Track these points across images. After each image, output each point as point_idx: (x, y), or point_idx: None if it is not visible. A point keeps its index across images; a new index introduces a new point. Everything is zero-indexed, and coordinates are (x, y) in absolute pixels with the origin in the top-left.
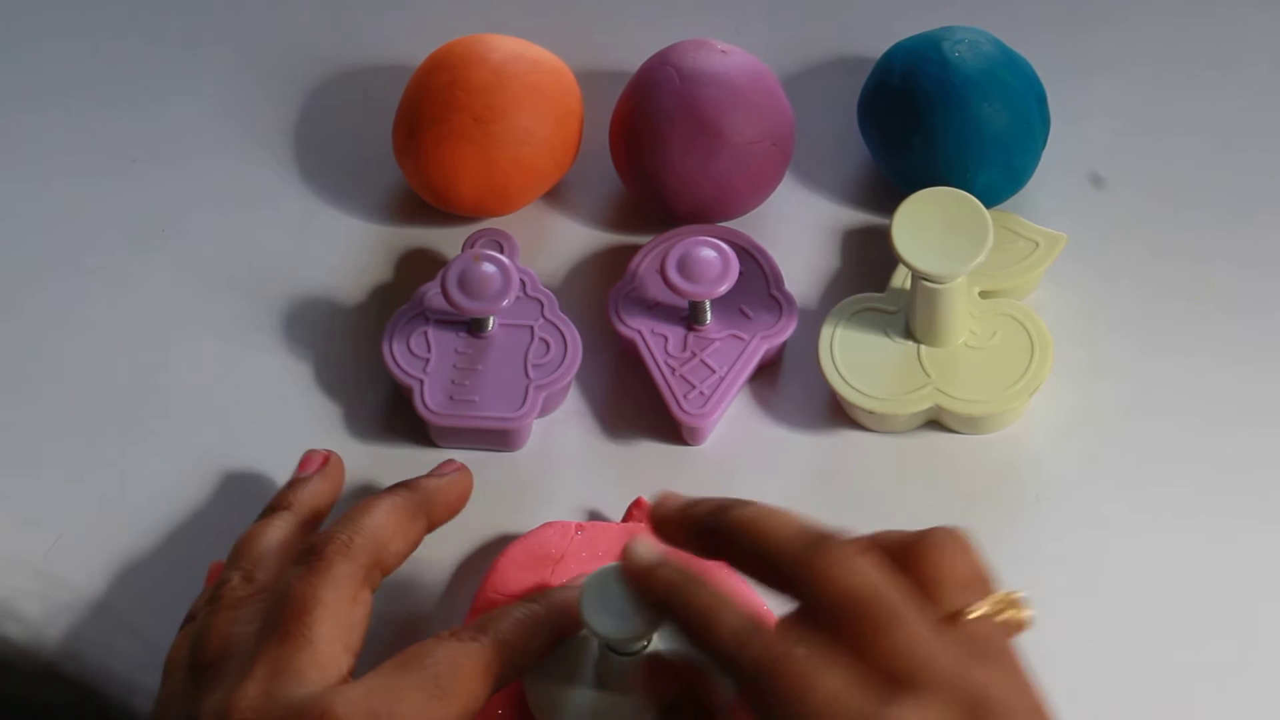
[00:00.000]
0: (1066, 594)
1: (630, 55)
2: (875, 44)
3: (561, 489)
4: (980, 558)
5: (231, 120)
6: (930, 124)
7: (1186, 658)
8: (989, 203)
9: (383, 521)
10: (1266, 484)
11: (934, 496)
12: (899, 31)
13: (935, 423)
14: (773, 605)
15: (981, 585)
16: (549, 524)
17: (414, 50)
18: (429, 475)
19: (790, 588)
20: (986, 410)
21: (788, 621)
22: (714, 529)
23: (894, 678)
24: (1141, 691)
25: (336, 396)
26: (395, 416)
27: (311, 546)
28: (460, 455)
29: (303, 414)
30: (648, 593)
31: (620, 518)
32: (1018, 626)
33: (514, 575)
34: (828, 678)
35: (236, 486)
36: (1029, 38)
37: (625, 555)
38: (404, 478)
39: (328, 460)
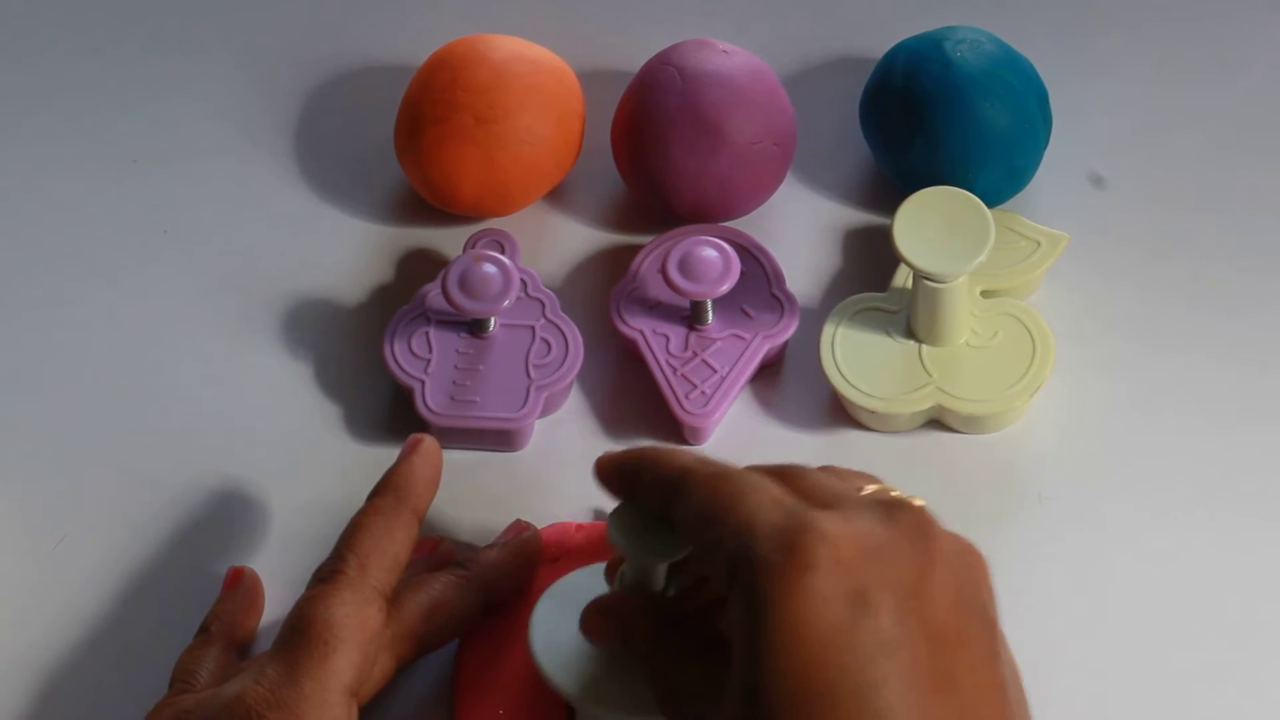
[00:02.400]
0: (1068, 593)
1: (632, 55)
2: (877, 44)
3: (563, 489)
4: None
5: (231, 120)
6: (932, 123)
7: (1187, 657)
8: (991, 202)
9: (386, 539)
10: (1268, 483)
11: (935, 496)
12: (901, 31)
13: (937, 422)
14: None
15: (868, 479)
16: (550, 525)
17: (414, 50)
18: (399, 463)
19: (676, 504)
20: (988, 410)
21: None
22: (624, 468)
23: (818, 498)
24: (1142, 690)
25: (337, 396)
26: (396, 417)
27: (326, 571)
28: (461, 456)
29: (303, 414)
30: (612, 478)
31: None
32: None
33: None
34: (770, 483)
35: (237, 487)
36: (1031, 38)
37: (596, 468)
38: None
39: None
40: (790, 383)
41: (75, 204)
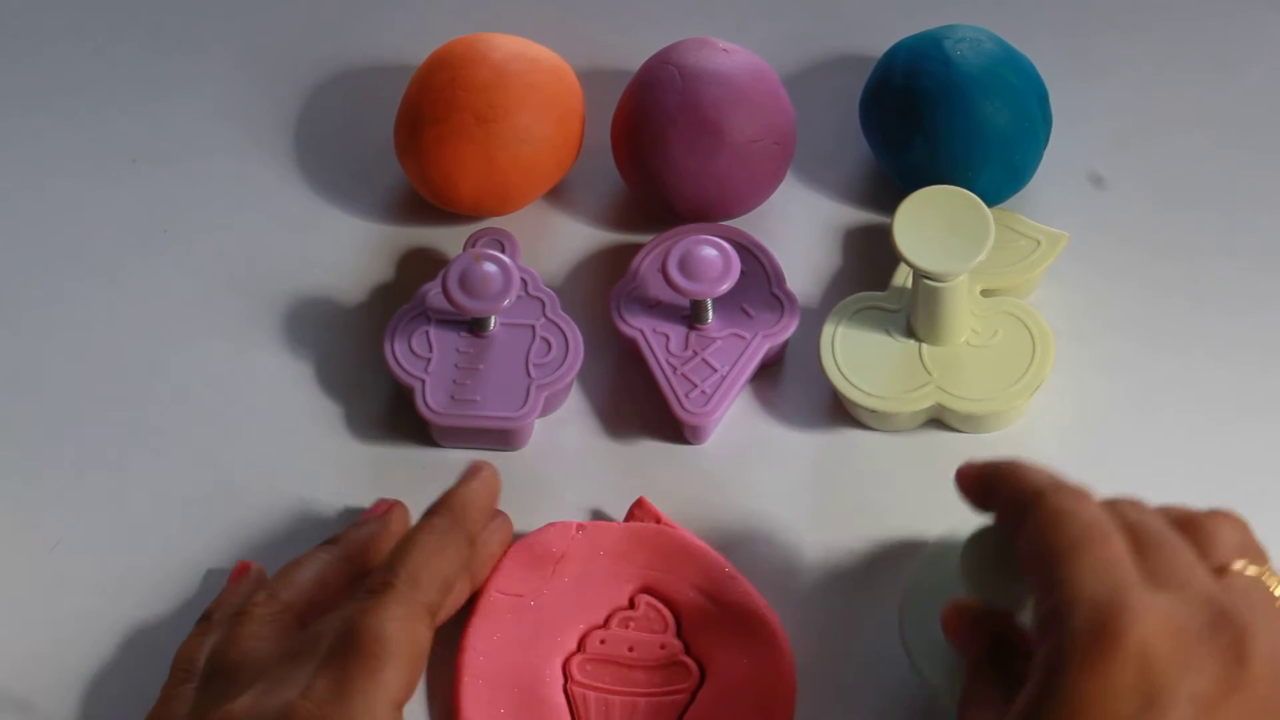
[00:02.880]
0: None
1: (632, 54)
2: (877, 42)
3: (563, 488)
4: (1255, 536)
5: (231, 120)
6: (932, 122)
7: None
8: (991, 201)
9: (439, 558)
10: (1268, 482)
11: (935, 495)
12: (901, 30)
13: (937, 421)
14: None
15: (1256, 554)
16: (551, 524)
17: (414, 50)
18: (458, 485)
19: (1024, 518)
20: (988, 409)
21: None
22: (985, 478)
23: (1158, 575)
24: None
25: (337, 396)
26: (397, 416)
27: (376, 583)
28: (461, 455)
29: (303, 414)
30: (972, 488)
31: (623, 517)
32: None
33: (516, 574)
34: (1115, 540)
35: (237, 487)
36: (1031, 37)
37: (959, 475)
38: (405, 478)
39: (391, 510)
40: (790, 382)
41: (75, 204)
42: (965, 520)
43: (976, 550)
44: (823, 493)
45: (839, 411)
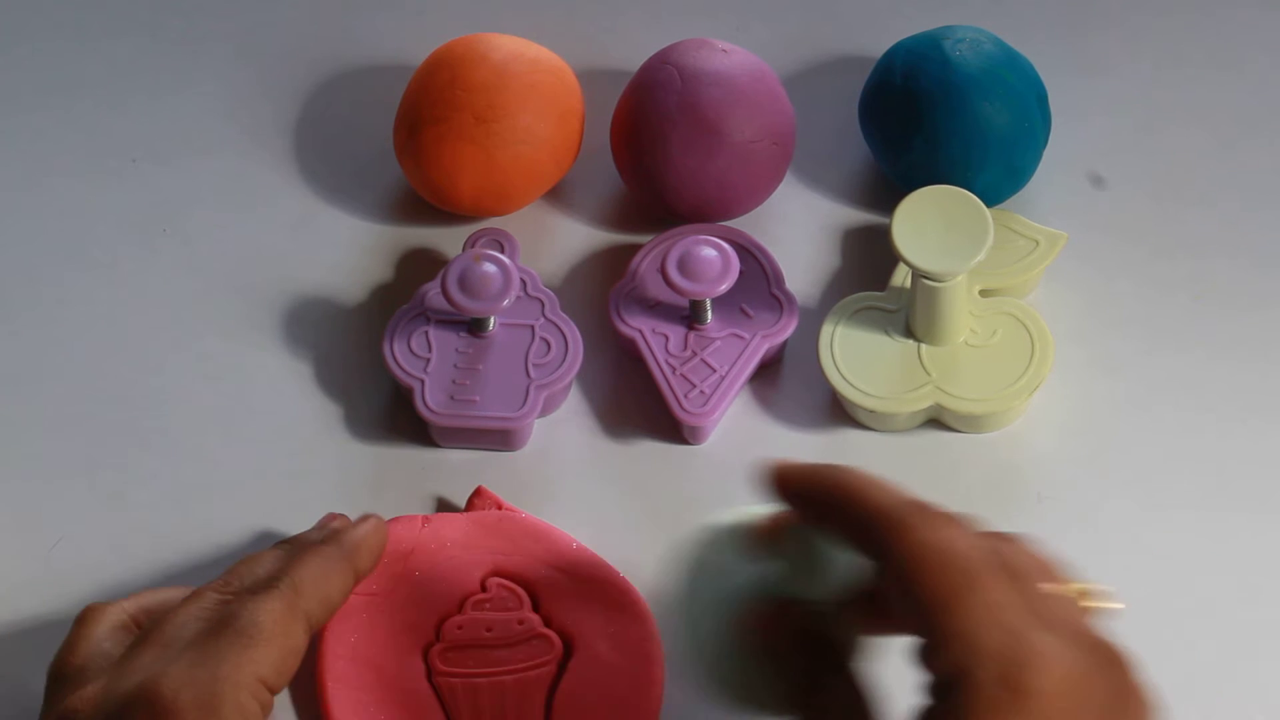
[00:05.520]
0: None
1: (631, 54)
2: (876, 43)
3: (562, 489)
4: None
5: (231, 120)
6: (931, 123)
7: (1188, 656)
8: (990, 201)
9: (325, 579)
10: (1268, 481)
11: (935, 495)
12: (900, 30)
13: (936, 421)
14: None
15: (1059, 574)
16: (395, 519)
17: (414, 50)
18: (355, 525)
19: (884, 549)
20: (987, 409)
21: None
22: (819, 490)
23: (1041, 614)
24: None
25: (336, 396)
26: (396, 416)
27: (258, 585)
28: (461, 455)
29: (303, 414)
30: (795, 497)
31: (621, 517)
32: (1100, 610)
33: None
34: (998, 579)
35: (237, 486)
36: (1030, 37)
37: (770, 473)
38: (404, 478)
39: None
40: (789, 382)
41: (75, 202)
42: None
43: (798, 550)
44: None
45: (838, 412)
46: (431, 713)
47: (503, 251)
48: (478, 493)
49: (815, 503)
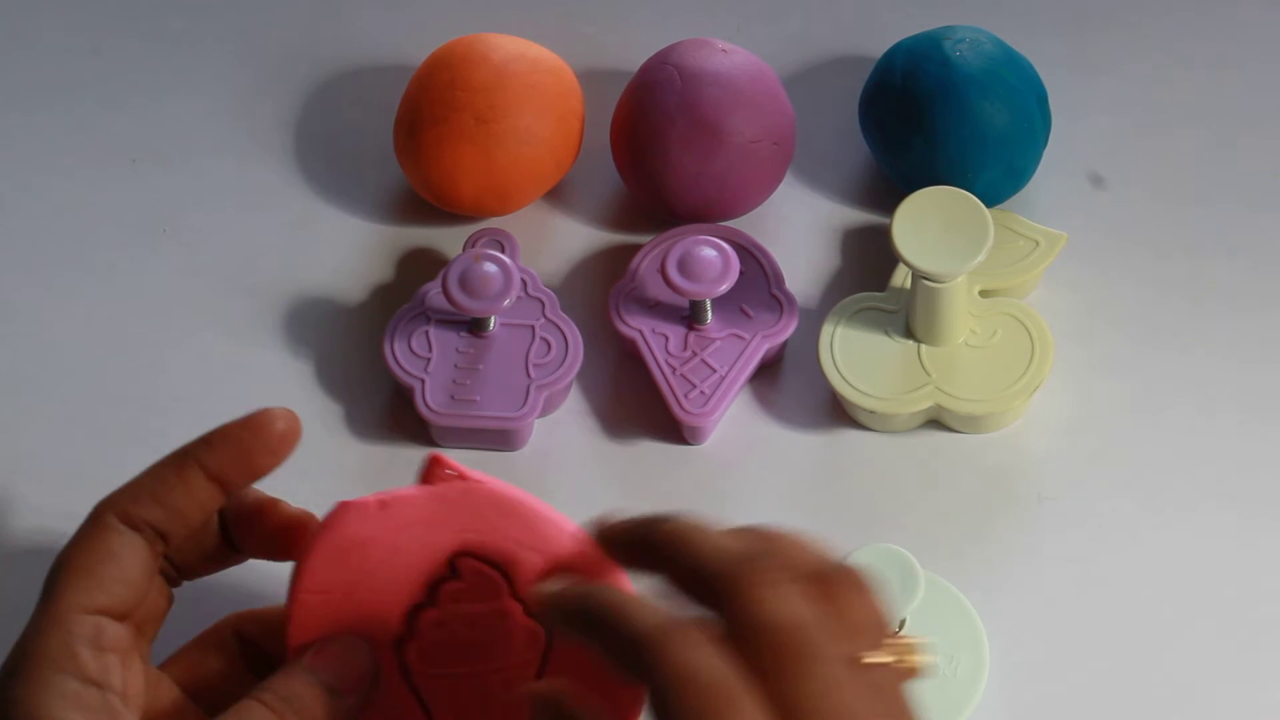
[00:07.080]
0: (1069, 593)
1: (631, 55)
2: (876, 43)
3: (562, 489)
4: (879, 601)
5: (231, 120)
6: (931, 123)
7: (1188, 656)
8: (990, 202)
9: (148, 475)
10: (1268, 481)
11: (934, 496)
12: (900, 31)
13: (936, 422)
14: None
15: (883, 630)
16: (344, 505)
17: (414, 50)
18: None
19: (716, 604)
20: (987, 409)
21: (704, 629)
22: (646, 542)
23: (798, 712)
24: (1143, 689)
25: (337, 396)
26: (396, 416)
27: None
28: (461, 455)
29: (303, 414)
30: (562, 612)
31: (621, 517)
32: (911, 673)
33: (323, 570)
34: (741, 703)
35: None
36: (1030, 37)
37: (532, 596)
38: (404, 478)
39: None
40: (789, 382)
41: (74, 203)
42: (966, 520)
43: None
44: (821, 493)
45: (838, 412)
46: (410, 712)
47: (503, 251)
48: (434, 460)
49: (644, 555)
